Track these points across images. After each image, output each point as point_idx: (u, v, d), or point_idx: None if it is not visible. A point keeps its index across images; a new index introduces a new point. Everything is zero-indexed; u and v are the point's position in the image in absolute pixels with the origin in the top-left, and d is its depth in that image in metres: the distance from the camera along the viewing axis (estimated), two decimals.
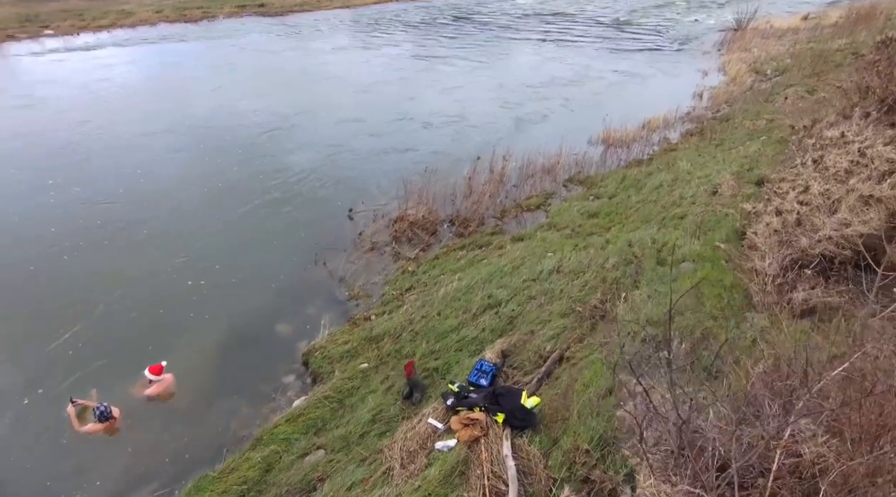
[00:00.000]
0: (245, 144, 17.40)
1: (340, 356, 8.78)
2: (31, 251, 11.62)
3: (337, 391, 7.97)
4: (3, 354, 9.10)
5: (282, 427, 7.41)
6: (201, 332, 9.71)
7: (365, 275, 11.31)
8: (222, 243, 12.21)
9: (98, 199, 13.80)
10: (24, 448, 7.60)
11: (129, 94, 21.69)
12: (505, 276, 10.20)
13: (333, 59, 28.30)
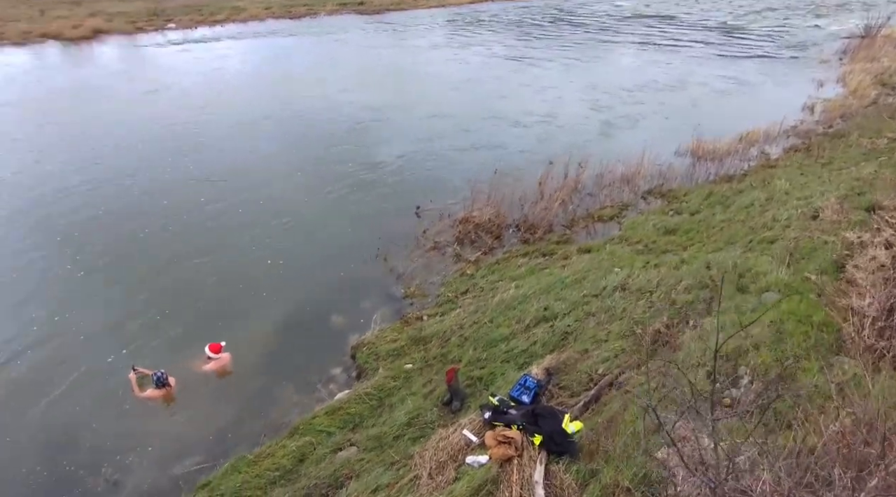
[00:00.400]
0: (338, 134, 18.12)
1: (387, 354, 8.75)
2: (143, 222, 12.77)
3: (378, 389, 7.94)
4: (96, 316, 9.89)
5: (320, 418, 7.47)
6: (267, 312, 10.09)
7: (423, 274, 11.25)
8: (302, 228, 12.76)
9: (204, 178, 14.92)
10: (92, 407, 8.19)
11: (240, 83, 23.19)
12: (565, 288, 9.73)
13: (429, 56, 28.71)
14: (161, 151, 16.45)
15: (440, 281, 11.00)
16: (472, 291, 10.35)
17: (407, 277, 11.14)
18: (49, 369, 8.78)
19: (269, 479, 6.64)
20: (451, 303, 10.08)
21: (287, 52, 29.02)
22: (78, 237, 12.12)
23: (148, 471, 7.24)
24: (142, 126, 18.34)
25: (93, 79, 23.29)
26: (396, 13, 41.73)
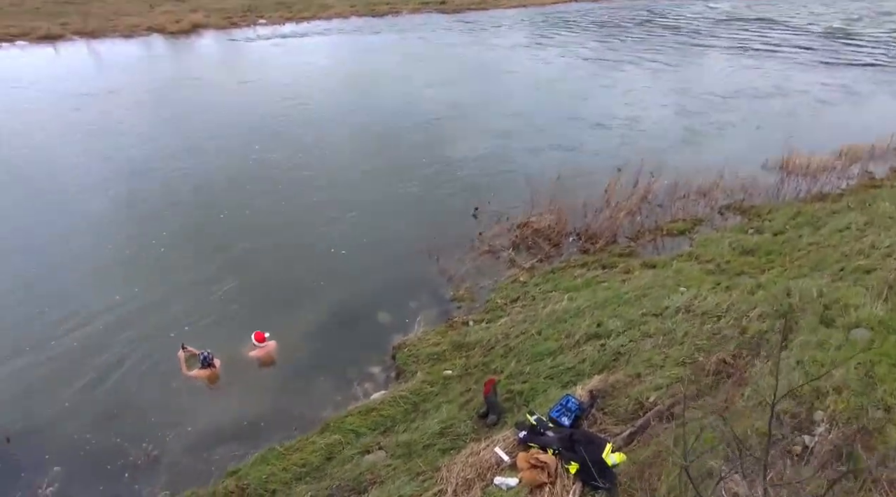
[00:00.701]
0: (417, 129, 18.26)
1: (427, 357, 8.53)
2: (224, 205, 13.40)
3: (414, 393, 7.72)
4: (165, 291, 10.34)
5: (352, 418, 7.36)
6: (320, 302, 10.21)
7: (474, 277, 10.94)
8: (366, 220, 12.91)
9: (286, 166, 15.43)
10: (144, 380, 8.51)
11: (325, 77, 23.79)
12: (623, 304, 9.10)
13: (510, 55, 28.37)
14: (248, 138, 17.13)
15: (491, 286, 10.64)
16: (522, 300, 9.93)
17: (457, 279, 10.87)
18: (114, 337, 9.24)
19: (295, 475, 6.59)
20: (500, 310, 9.70)
21: (370, 48, 29.52)
22: (165, 216, 12.80)
23: (184, 450, 7.40)
24: (233, 114, 19.21)
25: (192, 69, 24.69)
26: (477, 12, 41.55)
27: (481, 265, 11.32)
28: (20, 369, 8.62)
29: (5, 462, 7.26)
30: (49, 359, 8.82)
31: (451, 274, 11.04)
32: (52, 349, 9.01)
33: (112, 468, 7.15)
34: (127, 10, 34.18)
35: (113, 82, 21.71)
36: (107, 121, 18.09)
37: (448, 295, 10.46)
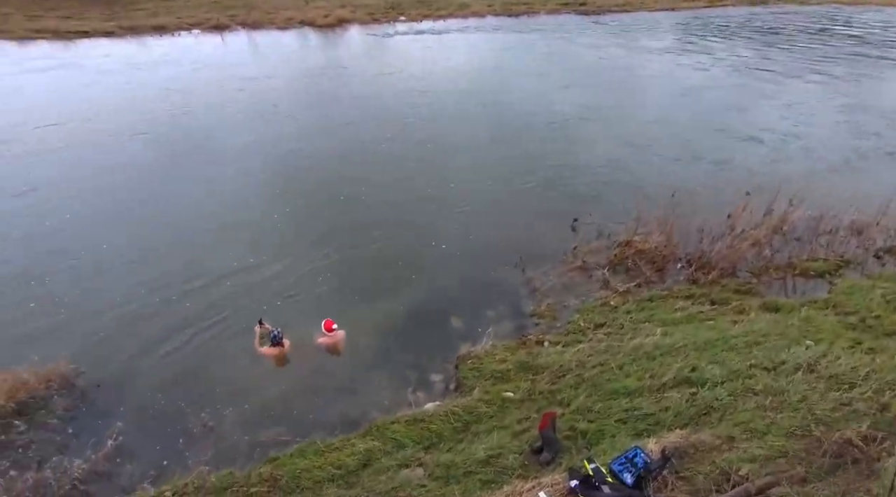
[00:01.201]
0: (547, 130, 17.63)
1: (490, 374, 7.90)
2: (347, 189, 13.73)
3: (468, 411, 7.16)
4: (272, 265, 10.78)
5: (398, 426, 6.97)
6: (404, 295, 10.04)
7: (560, 294, 10.09)
8: (472, 216, 12.62)
9: (412, 156, 15.57)
10: (220, 350, 8.79)
11: (460, 73, 23.63)
12: (728, 350, 7.78)
13: (657, 59, 26.51)
14: (380, 127, 17.52)
15: (576, 306, 9.72)
16: (608, 326, 8.92)
17: (541, 293, 10.09)
18: (211, 302, 9.75)
19: (329, 475, 6.34)
20: (581, 334, 8.79)
21: (506, 47, 29.03)
22: (292, 192, 13.45)
23: (237, 427, 7.50)
24: (369, 103, 19.81)
25: (338, 60, 25.87)
26: (620, 14, 39.48)
27: (570, 282, 10.41)
28: (120, 320, 9.34)
29: (88, 406, 7.84)
30: (148, 314, 9.46)
31: (536, 286, 10.28)
32: (154, 306, 9.67)
33: (170, 432, 7.42)
34: (285, 4, 37.03)
35: (270, 68, 23.34)
36: (263, 101, 19.45)
37: (528, 309, 9.73)
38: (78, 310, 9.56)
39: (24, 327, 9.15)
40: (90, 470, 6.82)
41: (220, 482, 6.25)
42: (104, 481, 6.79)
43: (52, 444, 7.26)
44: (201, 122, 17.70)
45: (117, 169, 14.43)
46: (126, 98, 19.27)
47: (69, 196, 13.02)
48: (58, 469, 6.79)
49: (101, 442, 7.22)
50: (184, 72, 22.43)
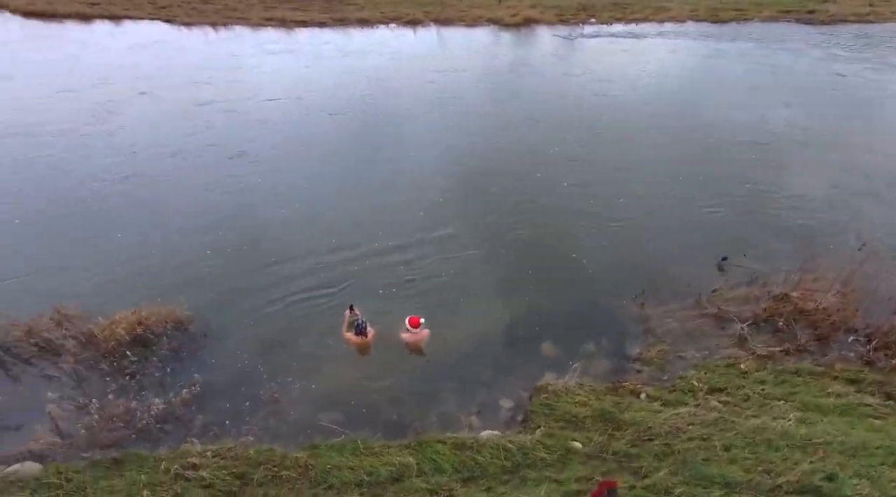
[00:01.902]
0: (745, 147, 15.43)
1: (563, 415, 6.93)
2: (514, 184, 13.45)
3: (523, 451, 6.33)
4: (404, 251, 10.96)
5: (443, 447, 6.41)
6: (508, 305, 9.48)
7: (678, 341, 8.58)
8: (623, 231, 11.54)
9: (583, 159, 14.67)
10: (310, 324, 9.04)
11: (651, 79, 21.84)
12: (893, 465, 5.81)
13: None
14: (558, 129, 16.77)
15: (694, 360, 8.16)
16: (728, 394, 7.30)
17: (655, 336, 8.70)
18: (335, 277, 10.12)
19: (356, 480, 6.04)
20: (689, 395, 7.32)
21: (713, 55, 25.70)
22: (457, 185, 13.35)
23: (297, 405, 7.60)
24: (551, 103, 19.06)
25: (524, 58, 25.43)
26: (862, 25, 33.19)
27: (695, 329, 8.80)
28: (250, 277, 10.09)
29: (189, 353, 8.57)
30: (272, 278, 10.06)
31: (652, 327, 8.89)
32: (284, 271, 10.26)
33: (241, 393, 7.77)
34: (478, 2, 38.13)
35: (460, 63, 23.84)
36: (450, 93, 19.83)
37: (633, 351, 8.44)
38: (230, 264, 10.51)
39: (184, 272, 10.25)
40: (167, 411, 7.40)
41: (258, 456, 6.31)
42: (175, 424, 7.32)
43: (150, 380, 8.04)
44: (394, 107, 18.44)
45: (316, 142, 15.59)
46: (332, 81, 20.91)
47: (271, 160, 14.41)
48: (144, 403, 7.48)
49: (185, 387, 7.80)
50: (382, 61, 23.77)
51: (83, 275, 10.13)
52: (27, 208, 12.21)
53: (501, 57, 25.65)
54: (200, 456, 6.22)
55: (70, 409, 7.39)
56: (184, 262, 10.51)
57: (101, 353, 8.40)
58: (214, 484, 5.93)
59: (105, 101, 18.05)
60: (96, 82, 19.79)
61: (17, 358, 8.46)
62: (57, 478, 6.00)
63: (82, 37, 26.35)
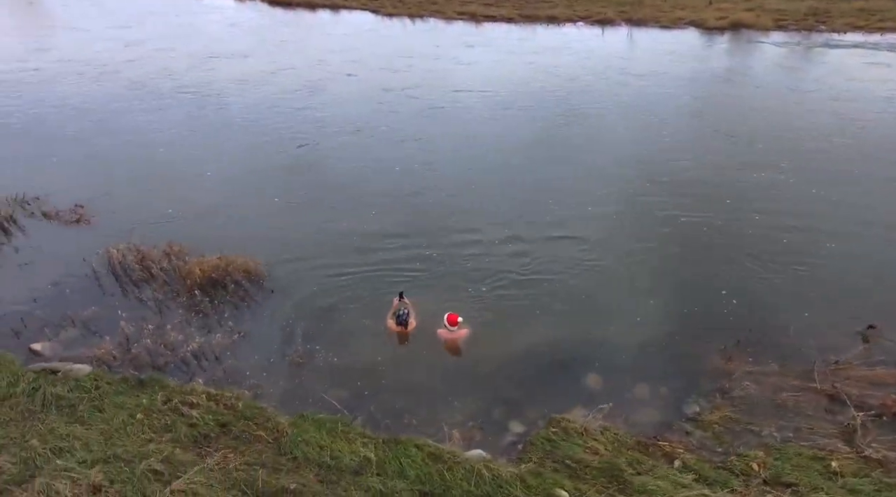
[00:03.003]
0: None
1: (564, 456, 6.01)
2: (683, 210, 12.03)
3: (497, 482, 5.60)
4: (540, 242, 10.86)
5: (417, 453, 5.94)
6: (588, 327, 8.66)
7: (756, 411, 6.95)
8: (783, 275, 9.74)
9: (781, 195, 12.45)
10: (374, 306, 9.06)
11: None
12: None
13: None
14: (773, 153, 14.34)
15: (768, 439, 6.50)
16: (797, 494, 5.67)
17: (728, 397, 7.17)
18: (436, 257, 10.28)
19: (318, 460, 5.88)
20: (741, 478, 5.84)
21: None
22: (617, 193, 12.50)
23: (312, 373, 7.74)
24: (769, 120, 16.63)
25: (742, 67, 22.95)
26: None
27: (788, 402, 7.03)
28: (347, 240, 10.73)
29: (252, 304, 9.20)
30: (369, 254, 10.42)
31: (730, 386, 7.34)
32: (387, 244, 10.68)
33: (272, 351, 8.12)
34: (682, 3, 35.41)
35: (656, 66, 22.10)
36: (646, 98, 18.59)
37: (690, 408, 7.02)
38: (328, 223, 11.33)
39: (277, 228, 11.21)
40: (205, 348, 8.02)
41: (245, 411, 6.50)
42: (208, 362, 7.90)
43: (208, 320, 8.81)
44: (582, 107, 17.96)
45: (493, 135, 15.86)
46: (521, 76, 21.13)
47: (443, 146, 15.14)
48: (189, 337, 8.21)
49: (229, 333, 8.39)
50: (572, 60, 23.25)
51: (238, 224, 11.38)
52: (221, 162, 14.19)
53: (708, 63, 23.42)
54: (199, 396, 6.59)
55: (135, 329, 8.38)
56: (314, 228, 11.33)
57: (183, 287, 9.43)
58: (198, 425, 6.23)
59: (317, 79, 20.32)
60: (314, 63, 22.44)
61: (126, 277, 9.85)
62: (90, 384, 6.82)
63: (311, 22, 30.21)
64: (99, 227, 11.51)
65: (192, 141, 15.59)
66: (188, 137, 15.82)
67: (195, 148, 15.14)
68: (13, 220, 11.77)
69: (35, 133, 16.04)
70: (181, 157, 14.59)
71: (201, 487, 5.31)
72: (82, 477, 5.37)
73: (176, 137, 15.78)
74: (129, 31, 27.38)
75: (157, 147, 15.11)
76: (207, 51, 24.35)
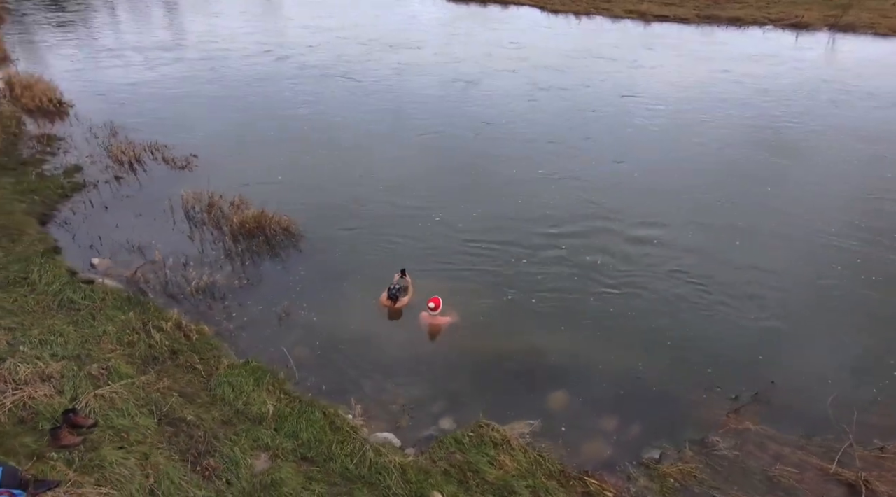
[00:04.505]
0: None
1: (462, 463, 5.50)
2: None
3: (377, 467, 5.33)
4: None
5: (319, 419, 5.89)
6: (604, 350, 7.68)
7: (736, 477, 5.72)
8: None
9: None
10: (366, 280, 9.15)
11: None
12: None
13: None
14: None
15: None
16: None
17: (708, 455, 5.96)
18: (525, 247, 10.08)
19: (231, 404, 6.09)
20: None
21: None
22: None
23: (292, 327, 7.98)
24: None
25: None
26: None
27: (785, 477, 5.66)
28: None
29: (277, 260, 9.76)
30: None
31: (716, 441, 6.12)
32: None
33: (270, 300, 8.52)
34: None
35: (879, 83, 18.94)
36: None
37: (649, 453, 5.98)
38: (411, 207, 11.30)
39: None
40: (212, 287, 8.72)
41: (197, 344, 7.06)
42: (206, 298, 8.51)
43: (231, 263, 9.53)
44: (785, 128, 15.42)
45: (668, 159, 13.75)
46: (709, 84, 18.85)
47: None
48: (203, 275, 8.96)
49: (239, 278, 9.02)
50: (778, 71, 20.32)
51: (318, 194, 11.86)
52: (336, 141, 14.38)
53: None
54: (169, 323, 7.20)
55: (172, 260, 9.36)
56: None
57: (227, 233, 10.33)
58: (154, 347, 6.83)
59: (476, 72, 19.73)
60: (479, 56, 21.58)
61: (190, 218, 11.01)
62: (98, 296, 7.80)
63: (487, 16, 29.52)
64: (198, 174, 12.89)
65: (329, 120, 15.84)
66: (325, 116, 16.12)
67: (326, 126, 15.36)
68: (139, 161, 13.73)
69: (195, 97, 17.81)
70: (313, 132, 14.94)
71: (119, 398, 5.83)
72: (43, 367, 6.18)
73: (317, 114, 16.23)
74: (327, 21, 28.54)
75: (291, 119, 15.74)
76: (385, 40, 24.14)
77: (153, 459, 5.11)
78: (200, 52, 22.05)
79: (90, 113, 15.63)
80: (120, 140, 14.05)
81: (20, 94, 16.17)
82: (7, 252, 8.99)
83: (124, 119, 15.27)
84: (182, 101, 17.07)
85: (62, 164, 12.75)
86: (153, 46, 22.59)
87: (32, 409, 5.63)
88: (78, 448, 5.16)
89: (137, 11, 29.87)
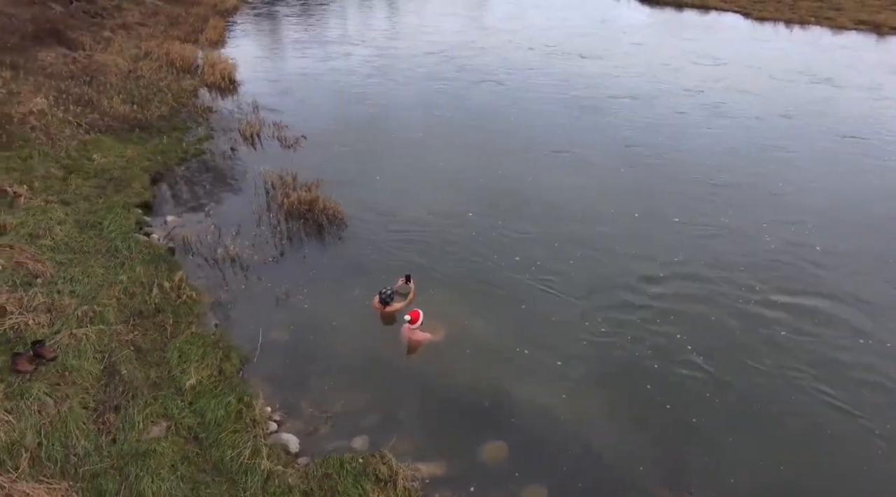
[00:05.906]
0: None
1: (330, 487, 5.13)
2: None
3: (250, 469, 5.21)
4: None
5: (229, 403, 5.93)
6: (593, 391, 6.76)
7: None
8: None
9: None
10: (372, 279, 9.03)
11: None
12: None
13: None
14: None
15: None
16: None
17: None
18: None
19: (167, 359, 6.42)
20: None
21: None
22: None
23: (282, 309, 8.23)
24: None
25: None
26: None
27: None
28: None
29: (320, 240, 10.14)
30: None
31: None
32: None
33: (282, 280, 8.85)
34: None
35: None
36: None
37: None
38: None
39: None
40: (240, 257, 9.30)
41: (180, 308, 7.49)
42: (228, 267, 9.11)
43: (272, 240, 10.07)
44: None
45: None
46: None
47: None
48: (239, 244, 9.58)
49: (269, 254, 9.51)
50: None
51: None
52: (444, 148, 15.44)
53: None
54: (170, 283, 7.87)
55: (224, 229, 10.18)
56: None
57: (280, 211, 10.98)
58: (147, 302, 7.48)
59: (653, 89, 17.82)
60: (663, 70, 19.62)
61: (264, 194, 11.86)
62: (142, 249, 8.78)
63: (682, 23, 27.67)
64: (299, 154, 13.85)
65: (458, 127, 15.40)
66: (458, 121, 15.73)
67: (449, 131, 15.10)
68: (258, 136, 15.20)
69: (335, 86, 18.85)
70: (432, 137, 14.73)
71: (86, 340, 6.51)
72: (55, 300, 7.15)
73: (448, 119, 15.77)
74: (508, 23, 27.03)
75: (421, 121, 15.75)
76: (566, 47, 22.57)
77: (69, 403, 5.61)
78: (373, 48, 22.73)
79: (251, 93, 17.39)
80: (252, 118, 15.57)
81: (207, 72, 18.82)
82: (106, 200, 10.56)
83: (272, 100, 16.82)
84: (329, 91, 18.08)
85: (200, 132, 14.58)
86: (337, 40, 24.05)
87: (21, 334, 6.54)
88: (24, 375, 5.86)
89: (362, 7, 31.32)
